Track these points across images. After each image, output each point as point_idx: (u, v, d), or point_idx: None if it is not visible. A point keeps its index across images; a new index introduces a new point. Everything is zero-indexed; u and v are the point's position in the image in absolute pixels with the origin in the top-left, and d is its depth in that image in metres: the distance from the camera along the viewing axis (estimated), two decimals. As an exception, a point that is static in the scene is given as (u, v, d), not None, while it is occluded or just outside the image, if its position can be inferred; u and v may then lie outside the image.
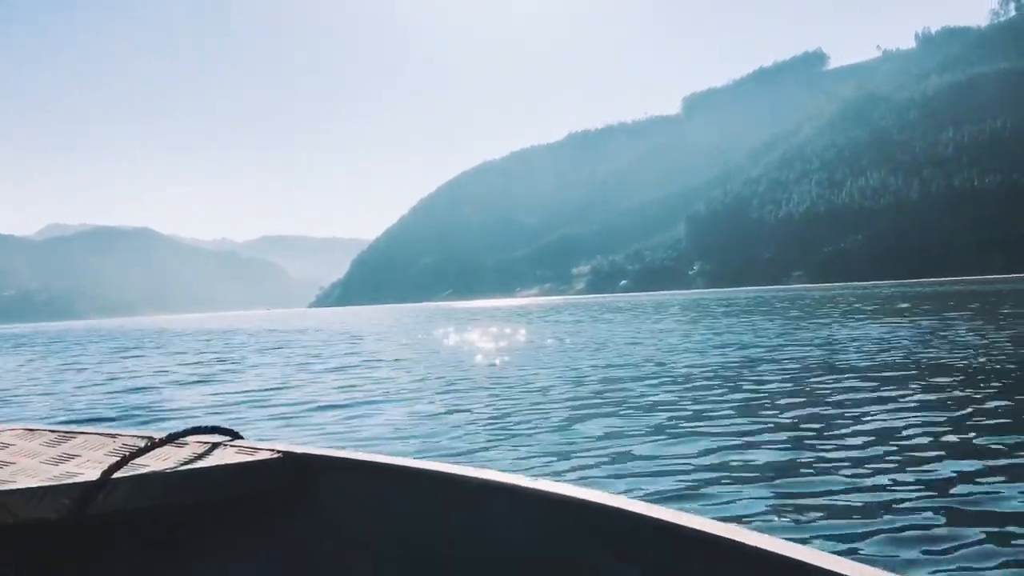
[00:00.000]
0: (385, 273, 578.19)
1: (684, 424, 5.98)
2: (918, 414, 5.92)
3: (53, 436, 1.95)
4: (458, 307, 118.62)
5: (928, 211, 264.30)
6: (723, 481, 4.15)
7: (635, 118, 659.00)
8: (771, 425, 5.79)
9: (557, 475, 4.41)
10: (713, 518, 1.13)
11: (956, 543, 3.04)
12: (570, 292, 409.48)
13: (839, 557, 1.00)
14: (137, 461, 1.62)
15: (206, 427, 1.83)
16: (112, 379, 12.95)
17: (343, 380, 10.78)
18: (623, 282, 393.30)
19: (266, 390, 9.88)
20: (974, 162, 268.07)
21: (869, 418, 5.87)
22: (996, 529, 3.18)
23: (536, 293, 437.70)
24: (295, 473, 1.68)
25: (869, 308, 28.05)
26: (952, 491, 3.76)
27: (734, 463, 4.57)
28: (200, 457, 1.69)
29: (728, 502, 3.74)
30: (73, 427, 2.02)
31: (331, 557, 1.63)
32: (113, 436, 1.90)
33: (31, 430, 2.03)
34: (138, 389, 10.91)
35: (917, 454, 4.58)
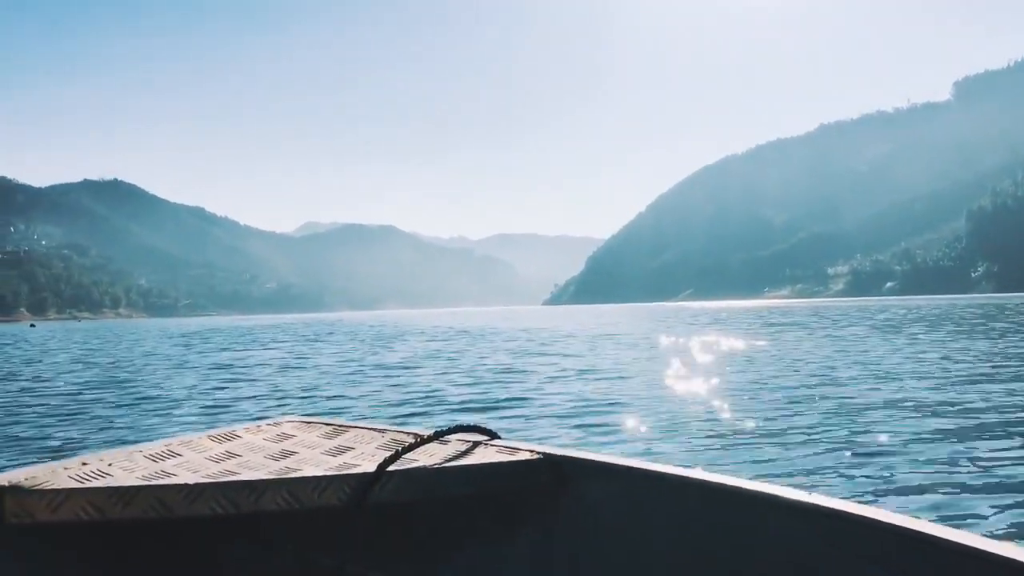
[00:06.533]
0: (620, 271, 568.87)
1: None
2: None
3: (328, 428, 2.08)
4: (709, 307, 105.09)
5: None
6: None
7: (896, 106, 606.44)
8: None
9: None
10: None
11: None
12: (826, 294, 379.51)
13: None
14: (407, 456, 1.72)
15: (467, 426, 1.91)
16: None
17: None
18: (889, 284, 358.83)
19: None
20: None
21: None
22: None
23: (787, 294, 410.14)
24: (553, 474, 1.72)
25: None
26: None
27: None
28: (463, 454, 1.76)
29: None
30: (344, 420, 2.16)
31: (586, 559, 1.65)
32: (382, 431, 2.02)
33: (308, 422, 2.18)
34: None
35: None
